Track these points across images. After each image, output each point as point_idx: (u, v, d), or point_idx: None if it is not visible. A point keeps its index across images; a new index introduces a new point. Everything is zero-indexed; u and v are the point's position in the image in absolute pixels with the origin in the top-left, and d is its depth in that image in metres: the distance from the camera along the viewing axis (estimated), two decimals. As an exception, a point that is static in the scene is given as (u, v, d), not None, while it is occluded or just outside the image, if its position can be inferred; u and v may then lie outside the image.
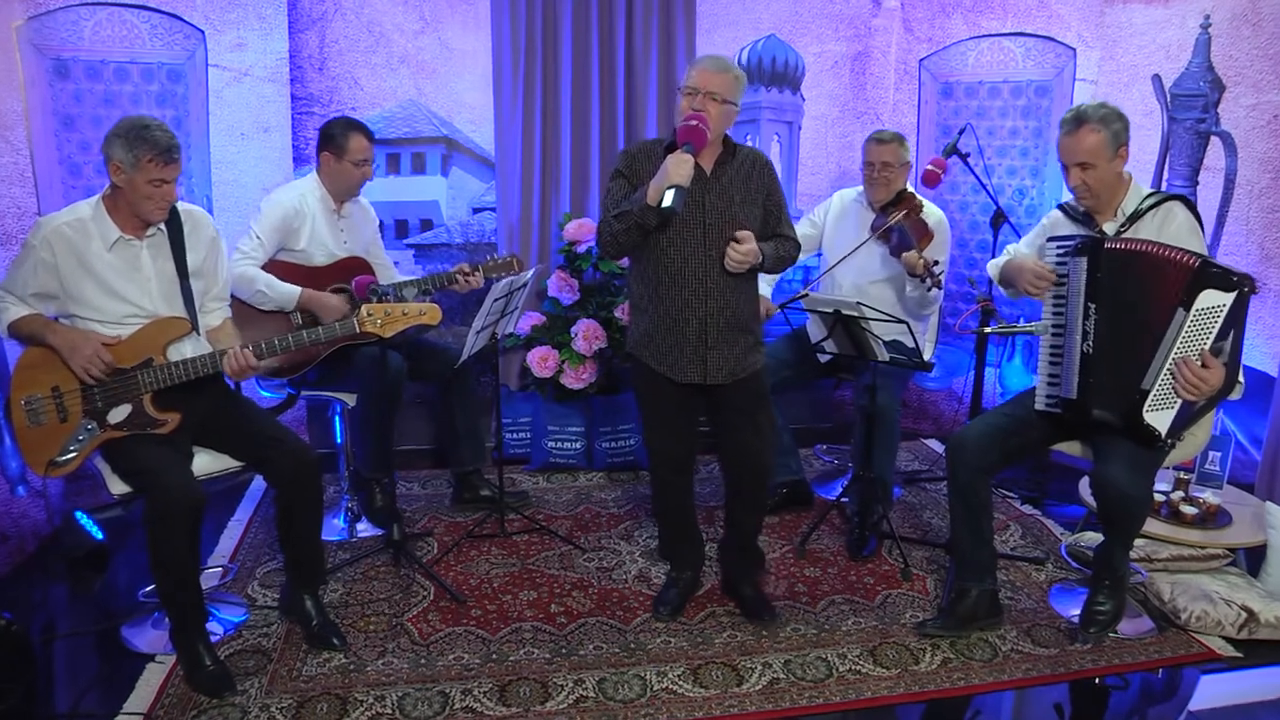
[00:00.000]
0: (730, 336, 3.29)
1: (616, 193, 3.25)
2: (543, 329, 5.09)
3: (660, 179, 3.06)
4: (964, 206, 5.58)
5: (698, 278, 3.23)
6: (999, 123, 5.41)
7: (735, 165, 3.29)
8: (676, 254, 3.22)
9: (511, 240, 5.20)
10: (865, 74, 5.68)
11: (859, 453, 4.21)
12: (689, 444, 3.50)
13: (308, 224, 4.05)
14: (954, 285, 5.38)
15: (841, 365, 4.47)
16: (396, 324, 3.25)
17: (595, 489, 4.91)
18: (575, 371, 4.97)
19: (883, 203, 4.34)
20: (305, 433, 5.10)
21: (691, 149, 3.08)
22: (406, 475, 5.01)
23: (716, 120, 3.16)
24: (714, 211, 3.22)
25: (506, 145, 5.12)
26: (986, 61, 5.41)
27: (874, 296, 4.28)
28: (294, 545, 3.39)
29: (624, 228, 3.17)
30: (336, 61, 5.00)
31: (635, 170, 3.27)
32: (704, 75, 3.17)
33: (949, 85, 5.55)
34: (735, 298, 3.29)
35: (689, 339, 3.27)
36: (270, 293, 3.92)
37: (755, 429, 3.40)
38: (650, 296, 3.30)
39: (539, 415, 5.10)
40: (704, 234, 3.21)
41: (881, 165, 4.32)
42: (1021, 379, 5.35)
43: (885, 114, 5.68)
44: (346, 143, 4.05)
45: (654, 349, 3.34)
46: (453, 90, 5.16)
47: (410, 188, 5.22)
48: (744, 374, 3.34)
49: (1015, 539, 4.35)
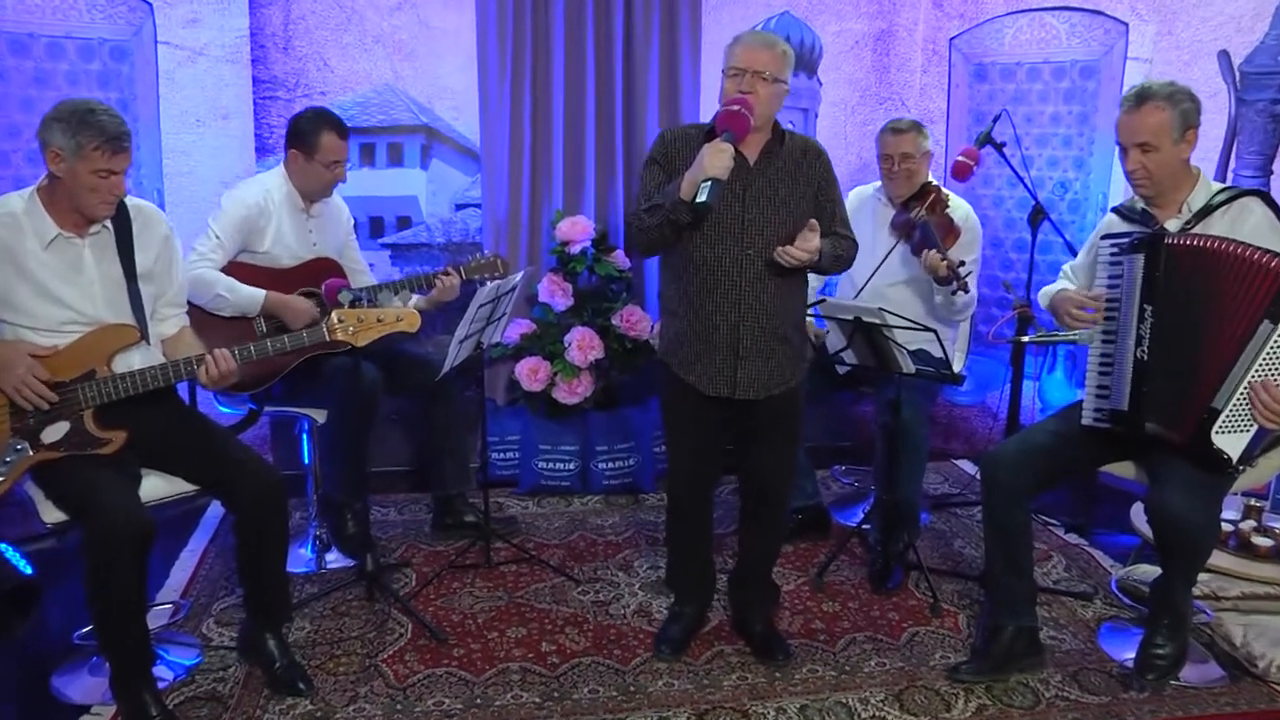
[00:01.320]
0: (765, 347, 3.30)
1: (650, 183, 3.27)
2: (533, 338, 5.10)
3: (695, 171, 3.05)
4: (999, 201, 5.56)
5: (731, 279, 3.23)
6: (1038, 108, 5.38)
7: (784, 154, 3.28)
8: (709, 252, 3.23)
9: (498, 240, 5.21)
10: (889, 55, 5.68)
11: (882, 474, 4.23)
12: (714, 463, 3.54)
13: (273, 223, 4.06)
14: (987, 289, 5.37)
15: (862, 378, 4.47)
16: (371, 331, 3.25)
17: (591, 514, 4.92)
18: (569, 385, 4.98)
19: (904, 198, 4.36)
20: (269, 453, 5.11)
21: (732, 137, 3.06)
22: (382, 499, 5.02)
23: (765, 102, 3.16)
24: (754, 206, 3.22)
25: (493, 135, 5.12)
26: (1025, 40, 5.39)
27: (895, 300, 4.28)
28: (255, 578, 3.36)
29: (655, 223, 3.17)
30: (303, 40, 4.98)
31: (671, 159, 3.27)
32: (749, 52, 3.16)
33: (983, 67, 5.54)
34: (774, 303, 3.28)
35: (719, 347, 3.28)
36: (232, 297, 3.92)
37: (781, 452, 3.44)
38: (681, 298, 3.32)
39: (529, 433, 5.12)
40: (741, 231, 3.21)
41: (901, 157, 4.33)
42: (1064, 393, 5.34)
43: (911, 99, 5.68)
44: (317, 141, 4.06)
45: (682, 356, 3.35)
46: (433, 73, 5.15)
47: (386, 181, 5.22)
48: (778, 389, 3.35)
49: (1059, 571, 4.32)
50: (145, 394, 3.17)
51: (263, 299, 3.96)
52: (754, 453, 3.46)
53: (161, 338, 3.40)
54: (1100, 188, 5.15)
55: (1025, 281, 4.73)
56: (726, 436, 3.48)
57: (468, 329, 3.87)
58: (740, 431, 3.44)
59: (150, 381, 3.16)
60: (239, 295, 3.94)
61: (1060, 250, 4.91)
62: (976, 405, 5.79)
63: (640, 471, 5.14)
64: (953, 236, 4.22)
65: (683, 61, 5.22)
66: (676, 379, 3.38)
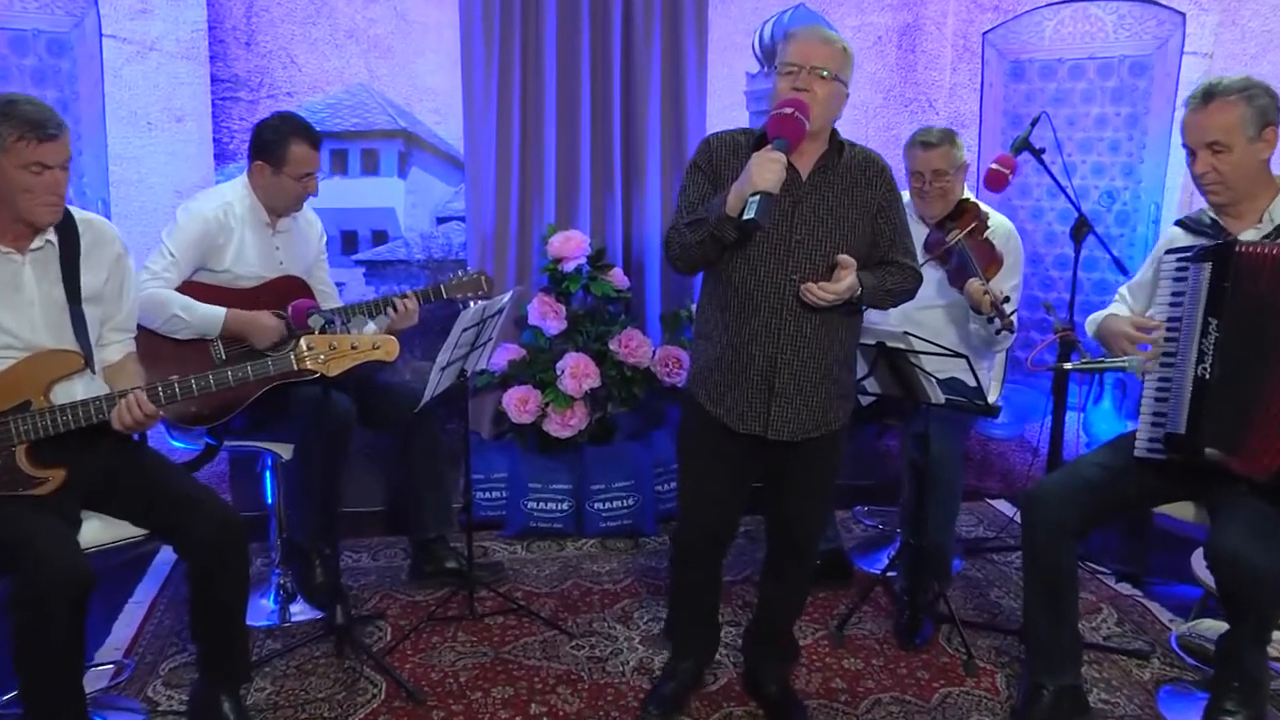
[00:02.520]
0: (805, 385, 3.25)
1: (693, 192, 3.24)
2: (522, 365, 5.13)
3: (743, 183, 2.99)
4: (1037, 214, 5.55)
5: (771, 306, 3.18)
6: (1082, 109, 5.36)
7: (842, 168, 3.23)
8: (749, 274, 3.19)
9: (484, 256, 5.24)
10: (915, 51, 5.68)
11: (909, 516, 4.20)
12: (733, 513, 3.50)
13: (234, 240, 4.07)
14: (1025, 311, 5.32)
15: (887, 409, 4.47)
16: (344, 360, 3.23)
17: (586, 560, 4.92)
18: (561, 416, 4.99)
19: (939, 217, 4.36)
20: (227, 492, 5.09)
21: (784, 145, 2.99)
22: (354, 544, 5.03)
23: (823, 105, 3.10)
24: (804, 226, 3.17)
25: (478, 140, 5.16)
26: (1068, 33, 5.37)
27: (926, 326, 4.28)
28: (210, 633, 3.31)
29: (696, 239, 3.13)
30: (268, 35, 4.97)
31: (716, 167, 3.24)
32: (805, 48, 3.12)
33: (1019, 64, 5.53)
34: (819, 337, 3.23)
35: (751, 380, 3.24)
36: (188, 317, 3.93)
37: (814, 499, 3.44)
38: (717, 323, 3.29)
39: (517, 470, 5.12)
40: (787, 253, 3.16)
41: (933, 175, 4.33)
42: (1112, 425, 5.31)
43: (940, 101, 5.67)
44: (286, 152, 4.06)
45: (712, 387, 3.31)
46: (412, 72, 5.16)
47: (360, 192, 5.23)
48: (817, 433, 3.30)
49: (1110, 626, 4.29)
50: (86, 428, 3.13)
51: (223, 318, 3.97)
52: (784, 500, 3.44)
53: (103, 364, 3.38)
54: (1152, 198, 5.14)
55: (1068, 302, 4.70)
56: (751, 481, 3.45)
57: (450, 355, 3.85)
58: (770, 474, 3.42)
59: (88, 415, 3.12)
60: (197, 315, 3.94)
61: (1107, 267, 4.90)
62: (1014, 439, 5.76)
63: (641, 512, 5.12)
64: (995, 265, 4.19)
65: (687, 61, 5.27)
66: (702, 411, 3.34)
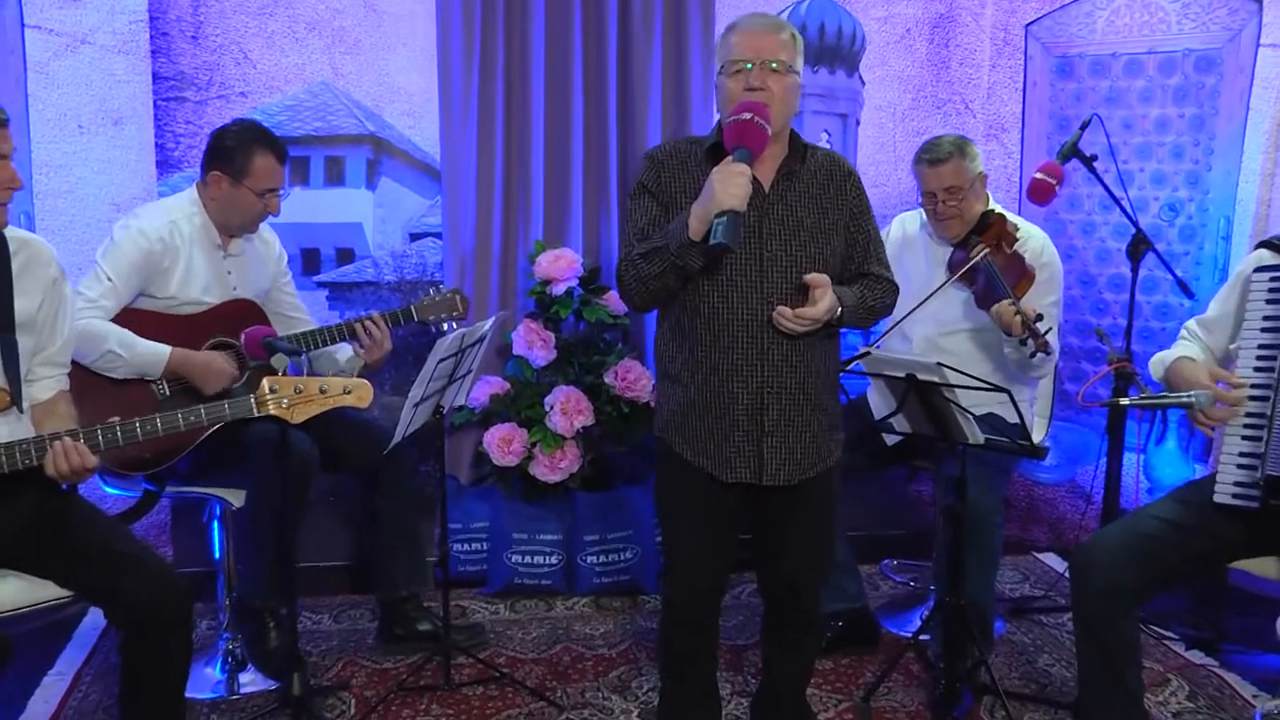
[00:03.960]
0: (797, 418, 3.25)
1: (641, 218, 3.24)
2: (506, 400, 5.10)
3: (705, 202, 2.97)
4: (1089, 229, 5.53)
5: (751, 335, 3.18)
6: (1140, 111, 5.36)
7: (808, 174, 3.25)
8: (721, 302, 3.18)
9: (463, 277, 5.23)
10: (949, 46, 5.68)
11: (944, 571, 4.15)
12: (725, 566, 3.49)
13: (180, 262, 4.07)
14: (1075, 339, 5.37)
15: (917, 450, 4.48)
16: (311, 406, 3.25)
17: (577, 621, 4.92)
18: (550, 458, 4.96)
19: (957, 238, 4.38)
20: (168, 546, 5.07)
21: (747, 155, 2.99)
22: (314, 603, 5.02)
23: (782, 103, 3.11)
24: (774, 241, 3.18)
25: (457, 146, 5.16)
26: (1124, 24, 5.37)
27: (953, 353, 4.31)
28: (144, 708, 3.25)
29: (655, 270, 3.11)
30: (218, 27, 4.96)
31: (665, 184, 3.25)
32: (754, 40, 3.12)
33: (1067, 60, 5.54)
34: (807, 362, 3.23)
35: (738, 421, 3.22)
36: (126, 355, 3.91)
37: (813, 548, 3.44)
38: (686, 361, 3.28)
39: (500, 519, 5.12)
40: (758, 273, 3.17)
41: (945, 194, 4.32)
42: (1178, 469, 5.30)
43: (977, 101, 5.67)
44: (249, 163, 4.08)
45: (689, 433, 3.29)
46: (382, 70, 5.17)
47: (323, 205, 5.22)
48: (814, 471, 3.30)
49: (1180, 700, 4.24)
50: (9, 475, 3.09)
51: (166, 358, 3.95)
52: (780, 548, 3.43)
53: (32, 403, 3.35)
54: (1221, 211, 5.14)
55: (1124, 329, 4.70)
56: (740, 530, 3.46)
57: (425, 389, 3.82)
58: (762, 522, 3.42)
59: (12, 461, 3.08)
60: (136, 353, 3.91)
61: (1169, 289, 4.91)
62: (1064, 484, 5.74)
63: (640, 567, 5.13)
64: (1026, 280, 4.17)
65: (692, 56, 5.27)
66: (679, 461, 3.32)
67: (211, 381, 3.98)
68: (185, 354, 3.97)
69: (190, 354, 3.98)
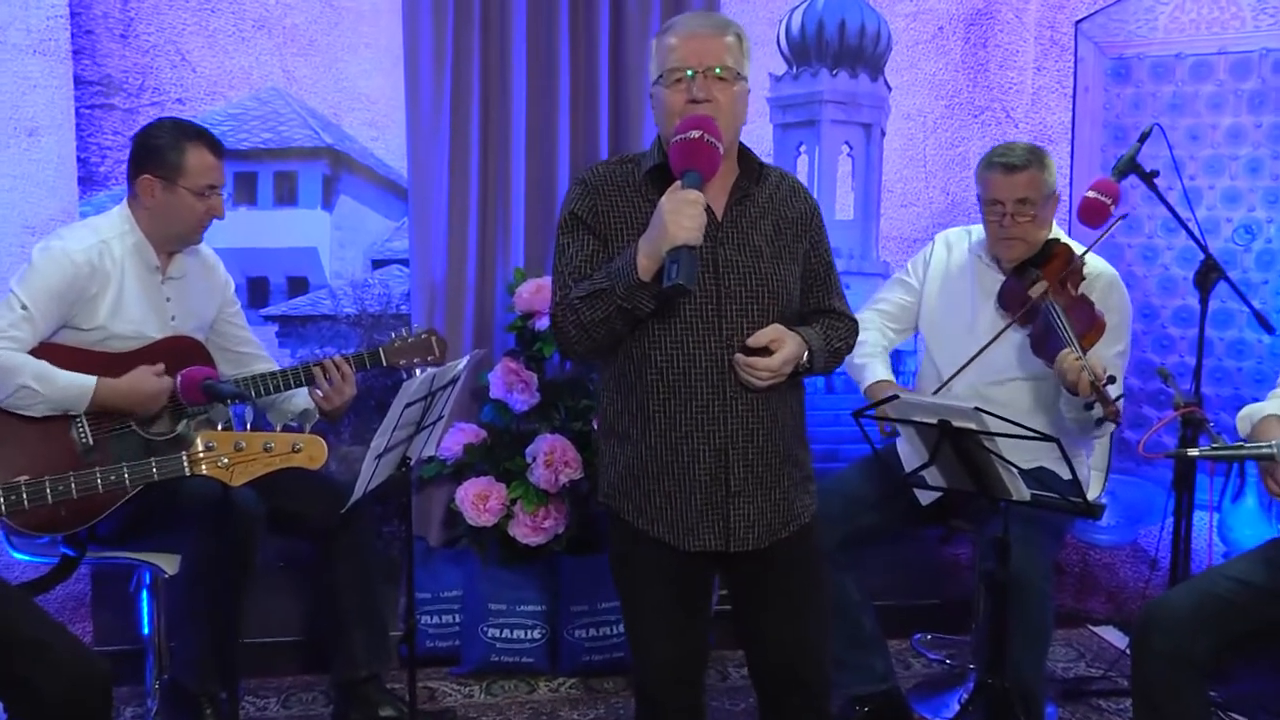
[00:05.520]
0: (765, 475, 3.18)
1: (578, 255, 3.17)
2: (482, 451, 5.04)
3: (655, 237, 2.91)
4: (1150, 255, 5.46)
5: (710, 384, 3.11)
6: (1209, 119, 5.26)
7: (763, 196, 3.23)
8: (675, 348, 3.12)
9: (433, 311, 5.17)
10: (988, 46, 5.63)
11: (985, 648, 4.09)
12: (697, 647, 3.41)
13: (111, 289, 4.00)
14: (1135, 380, 5.30)
15: (954, 508, 4.40)
16: (255, 465, 3.20)
17: (564, 705, 4.86)
18: (532, 517, 4.86)
19: (1016, 262, 4.32)
20: (87, 622, 4.95)
21: (698, 179, 2.93)
22: (259, 686, 4.92)
23: (730, 115, 3.07)
24: (733, 274, 3.13)
25: (426, 161, 5.09)
26: (1189, 21, 5.28)
27: (1005, 406, 4.09)
28: None
29: (599, 316, 3.04)
30: (150, 24, 4.87)
31: (602, 215, 3.18)
32: (694, 45, 3.07)
33: (1124, 61, 5.47)
34: (774, 410, 3.18)
35: (699, 481, 3.15)
36: (44, 389, 3.83)
37: (804, 617, 3.33)
38: (636, 417, 3.21)
39: (475, 587, 5.06)
40: (717, 312, 3.11)
41: (1015, 206, 4.24)
42: (1259, 529, 5.18)
43: (1020, 109, 5.61)
44: (182, 159, 4.02)
45: (641, 499, 3.22)
46: (341, 74, 5.09)
47: (272, 227, 5.14)
48: (786, 531, 3.23)
49: None
50: None
51: (92, 390, 3.86)
52: (765, 624, 3.34)
53: None
54: None
55: (1192, 369, 4.58)
56: (710, 602, 3.42)
57: (389, 438, 3.68)
58: (739, 596, 3.36)
59: None
60: (56, 387, 3.83)
61: (1246, 323, 4.87)
62: (1125, 547, 5.66)
63: None
64: (1095, 331, 4.05)
65: None
66: (631, 532, 3.25)
67: (144, 404, 3.91)
68: (112, 383, 3.88)
69: (115, 382, 3.89)
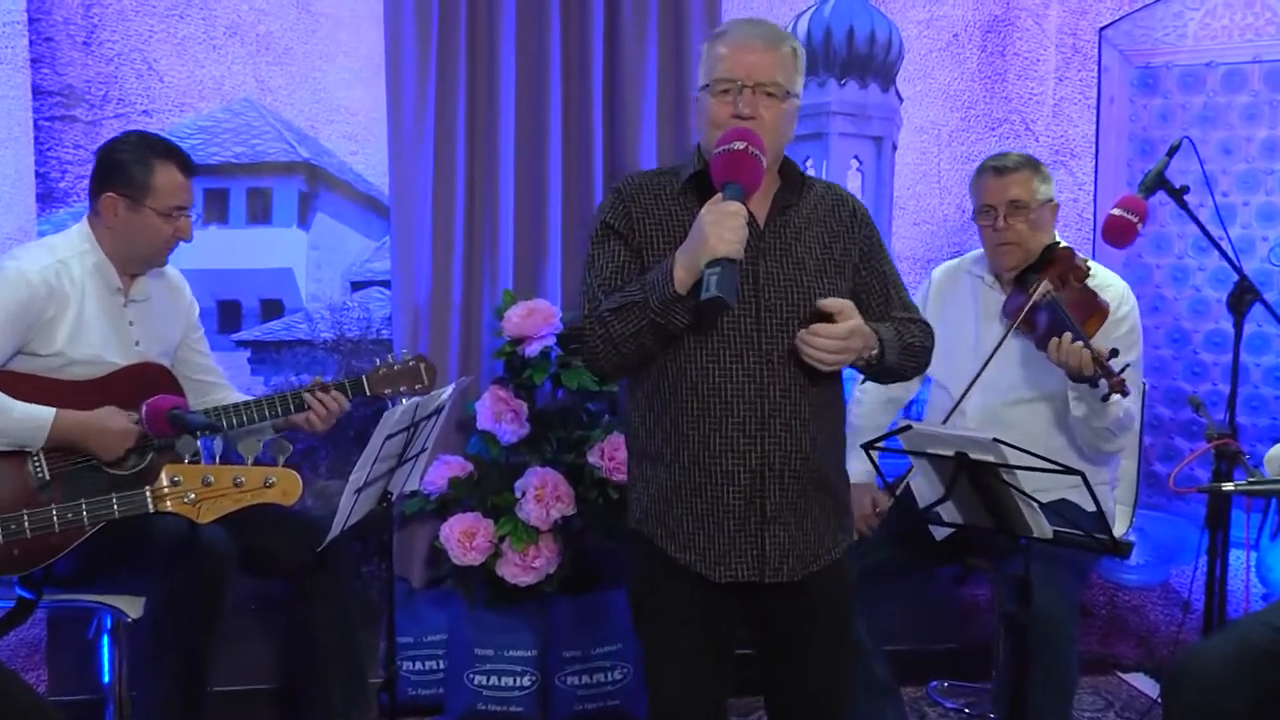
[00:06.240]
0: (799, 501, 3.16)
1: (609, 266, 3.18)
2: (468, 484, 4.98)
3: (694, 249, 2.90)
4: (1180, 276, 5.39)
5: (746, 402, 3.10)
6: (1243, 132, 5.22)
7: (807, 208, 3.23)
8: (711, 363, 3.12)
9: (417, 335, 5.11)
10: (1006, 54, 5.57)
11: (1006, 696, 4.07)
12: (721, 689, 3.38)
13: (69, 311, 3.96)
14: (1166, 409, 5.27)
15: (971, 545, 4.37)
16: (224, 502, 3.18)
17: None
18: (522, 556, 4.80)
19: (1018, 269, 4.31)
20: (42, 669, 4.90)
21: (740, 192, 2.91)
22: None
23: (775, 132, 3.07)
24: (773, 286, 3.13)
25: (409, 177, 5.06)
26: (1221, 27, 5.23)
27: (1018, 427, 4.11)
28: None
29: (629, 330, 3.03)
30: (115, 31, 4.84)
31: (636, 223, 3.18)
32: (744, 56, 3.06)
33: (1150, 71, 5.42)
34: (812, 432, 3.17)
35: (732, 506, 3.12)
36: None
37: (828, 654, 3.34)
38: (669, 436, 3.20)
39: (460, 631, 5.01)
40: (756, 326, 3.11)
41: (1009, 208, 4.25)
42: None
43: (1041, 121, 5.57)
44: (149, 178, 3.98)
45: (674, 523, 3.20)
46: (318, 84, 5.06)
47: (245, 247, 5.09)
48: (819, 564, 3.21)
49: None
50: None
51: (50, 422, 3.80)
52: (790, 664, 3.34)
53: None
54: None
55: (1226, 397, 4.49)
56: (737, 642, 3.37)
57: (369, 472, 3.68)
58: (763, 632, 3.35)
59: None
60: (11, 418, 3.78)
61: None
62: (1155, 588, 5.59)
63: (631, 689, 5.02)
64: (1098, 316, 4.09)
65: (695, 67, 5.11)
66: (661, 559, 3.22)
67: (107, 445, 3.83)
68: (73, 415, 3.81)
69: (79, 414, 3.82)
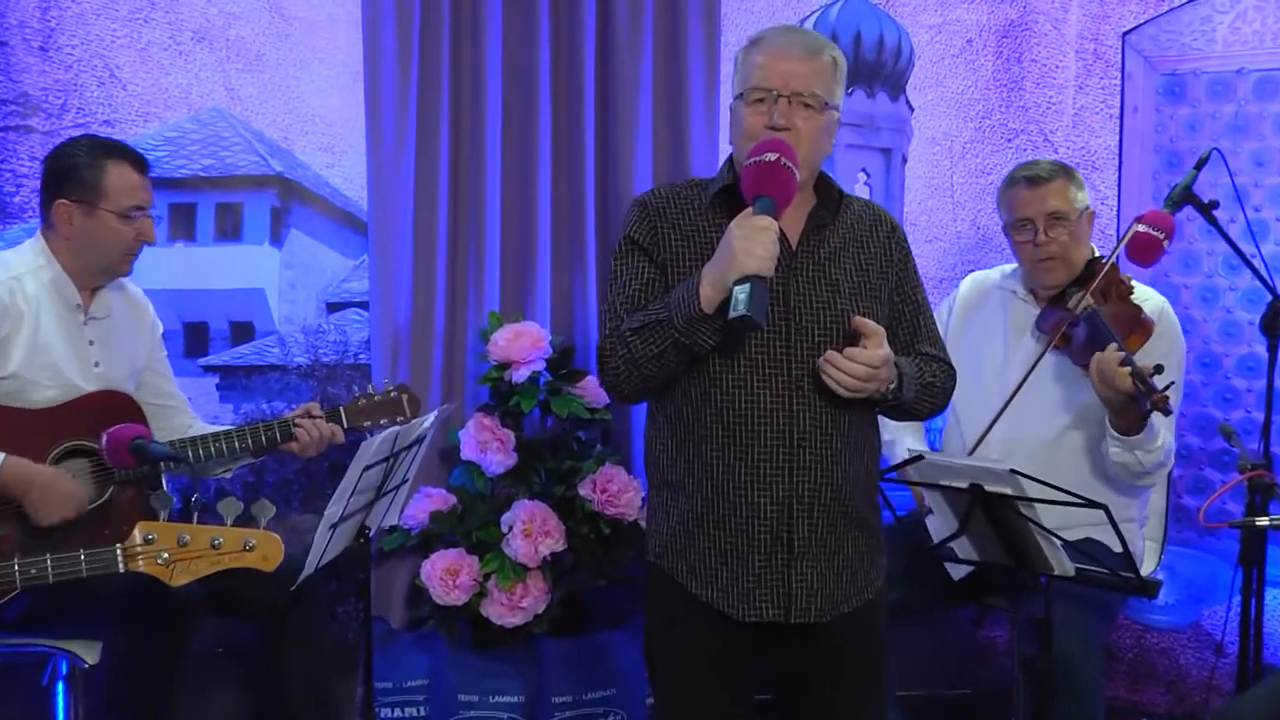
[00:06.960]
0: (829, 536, 3.13)
1: (632, 282, 3.17)
2: (451, 519, 4.93)
3: (722, 265, 2.87)
4: (1209, 296, 5.34)
5: (775, 429, 3.07)
6: (1274, 143, 5.15)
7: (844, 227, 3.21)
8: (738, 387, 3.09)
9: (397, 360, 5.08)
10: (1023, 61, 5.52)
11: None
12: None
13: (23, 331, 3.92)
14: (1194, 438, 5.21)
15: (988, 584, 4.31)
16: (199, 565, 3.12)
17: None
18: (509, 595, 4.76)
19: (1058, 288, 4.24)
20: None
21: (770, 206, 2.89)
22: None
23: (811, 145, 3.06)
24: (805, 309, 3.11)
25: (389, 191, 5.03)
26: (1252, 32, 5.14)
27: (1045, 461, 3.99)
28: None
29: (653, 350, 3.00)
30: (74, 36, 4.84)
31: (662, 238, 3.16)
32: (785, 64, 3.05)
33: (1177, 78, 5.34)
34: (844, 462, 3.14)
35: (758, 540, 3.09)
36: None
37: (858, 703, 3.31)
38: (691, 464, 3.17)
39: (443, 674, 4.95)
40: (786, 349, 3.08)
41: (1049, 221, 4.16)
42: None
43: (1060, 131, 5.51)
44: (101, 179, 3.94)
45: (694, 558, 3.16)
46: (292, 93, 5.06)
47: (214, 266, 5.09)
48: (850, 605, 3.19)
49: None
50: None
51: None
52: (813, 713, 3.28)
53: None
54: None
55: (1260, 425, 4.41)
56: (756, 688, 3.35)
57: (345, 505, 3.58)
58: (787, 677, 3.30)
59: None
60: None
61: None
62: (1185, 630, 5.47)
63: None
64: (1141, 333, 4.04)
65: (691, 74, 5.19)
66: (679, 596, 3.18)
67: (51, 508, 3.73)
68: (22, 464, 3.72)
69: (25, 465, 3.72)
